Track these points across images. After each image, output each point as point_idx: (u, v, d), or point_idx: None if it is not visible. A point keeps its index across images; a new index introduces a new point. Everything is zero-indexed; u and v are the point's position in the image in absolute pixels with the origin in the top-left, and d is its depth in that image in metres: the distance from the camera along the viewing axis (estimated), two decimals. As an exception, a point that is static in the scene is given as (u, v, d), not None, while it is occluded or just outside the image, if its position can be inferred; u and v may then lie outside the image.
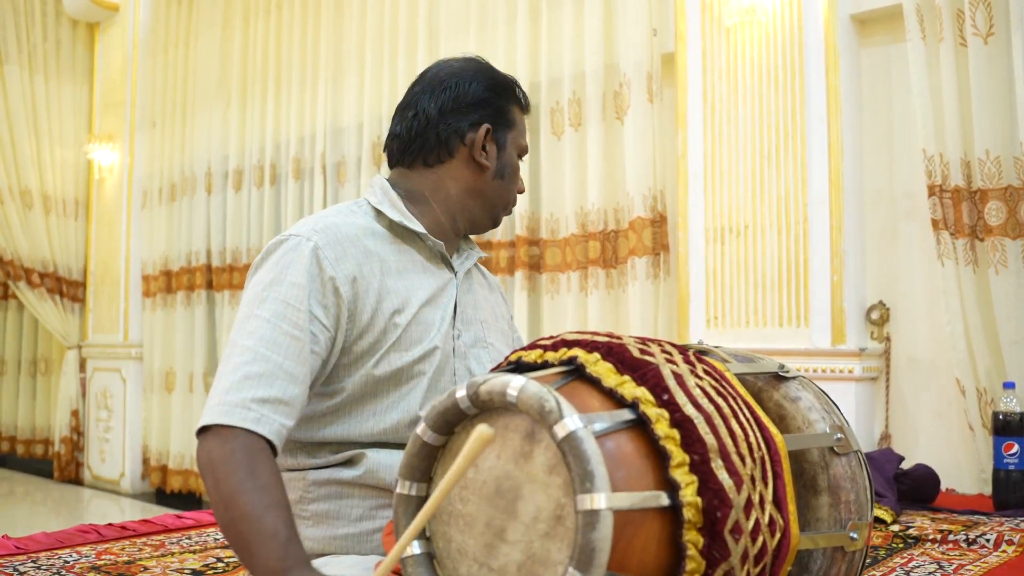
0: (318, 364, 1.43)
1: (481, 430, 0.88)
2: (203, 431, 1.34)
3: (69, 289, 7.03)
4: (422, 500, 1.13)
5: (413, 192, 1.62)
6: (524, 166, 4.29)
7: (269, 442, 1.33)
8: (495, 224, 1.70)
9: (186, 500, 6.09)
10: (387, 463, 1.46)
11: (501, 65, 4.43)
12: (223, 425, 1.32)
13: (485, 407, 1.06)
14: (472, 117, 1.60)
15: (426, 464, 1.12)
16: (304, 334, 1.40)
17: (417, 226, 1.57)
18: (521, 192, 1.70)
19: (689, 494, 1.04)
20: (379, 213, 1.58)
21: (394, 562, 0.97)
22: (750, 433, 1.15)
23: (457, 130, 1.60)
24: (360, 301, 1.47)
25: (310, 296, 1.42)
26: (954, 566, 1.99)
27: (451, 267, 1.62)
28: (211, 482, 1.29)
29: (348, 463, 1.49)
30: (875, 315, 3.53)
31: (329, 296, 1.44)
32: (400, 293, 1.50)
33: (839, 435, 1.31)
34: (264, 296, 1.43)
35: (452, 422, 1.09)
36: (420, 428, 1.10)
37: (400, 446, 1.48)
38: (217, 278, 6.02)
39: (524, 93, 1.69)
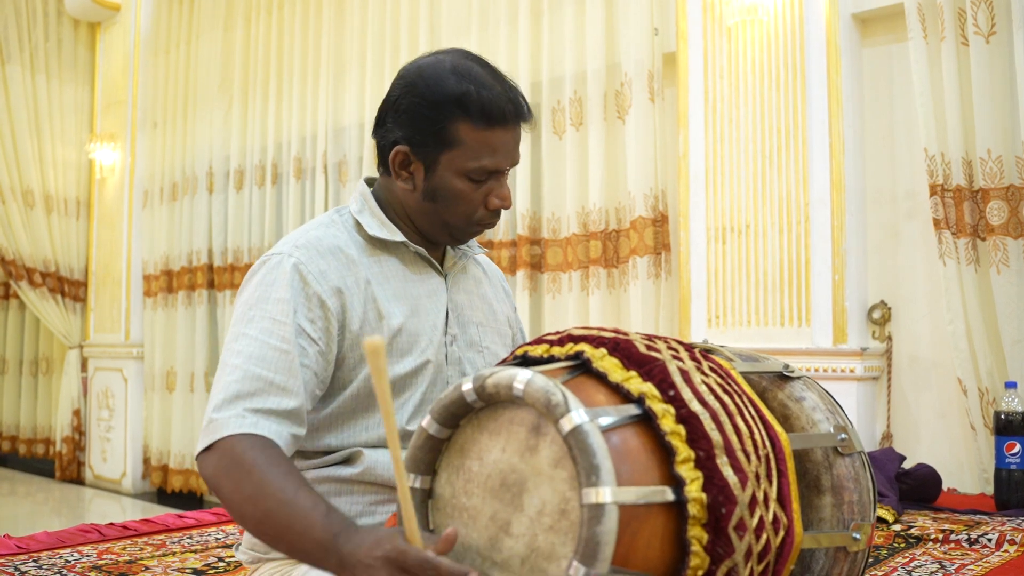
0: (311, 377, 1.42)
1: (372, 342, 0.90)
2: (203, 451, 1.34)
3: (70, 289, 7.03)
4: (426, 492, 1.13)
5: (381, 199, 1.59)
6: (525, 166, 4.31)
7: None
8: (458, 240, 1.57)
9: (187, 500, 6.09)
10: (384, 461, 1.46)
11: (503, 65, 4.45)
12: (222, 439, 1.32)
13: (491, 400, 1.06)
14: (397, 133, 1.50)
15: (431, 457, 1.12)
16: (293, 347, 1.40)
17: (396, 235, 1.54)
18: (495, 208, 1.51)
19: (694, 490, 1.04)
20: (359, 224, 1.56)
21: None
22: (755, 431, 1.15)
23: (386, 144, 1.53)
24: (348, 312, 1.46)
25: (296, 311, 1.42)
26: (956, 566, 1.99)
27: (438, 270, 1.60)
28: (230, 487, 1.28)
29: (346, 461, 1.48)
30: (876, 315, 3.53)
31: (315, 310, 1.43)
32: (385, 302, 1.49)
33: (843, 435, 1.30)
34: (251, 315, 1.43)
35: (458, 415, 1.09)
36: (426, 421, 1.11)
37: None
38: (218, 278, 6.02)
39: (487, 103, 1.45)
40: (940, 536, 2.24)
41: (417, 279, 1.56)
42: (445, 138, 1.46)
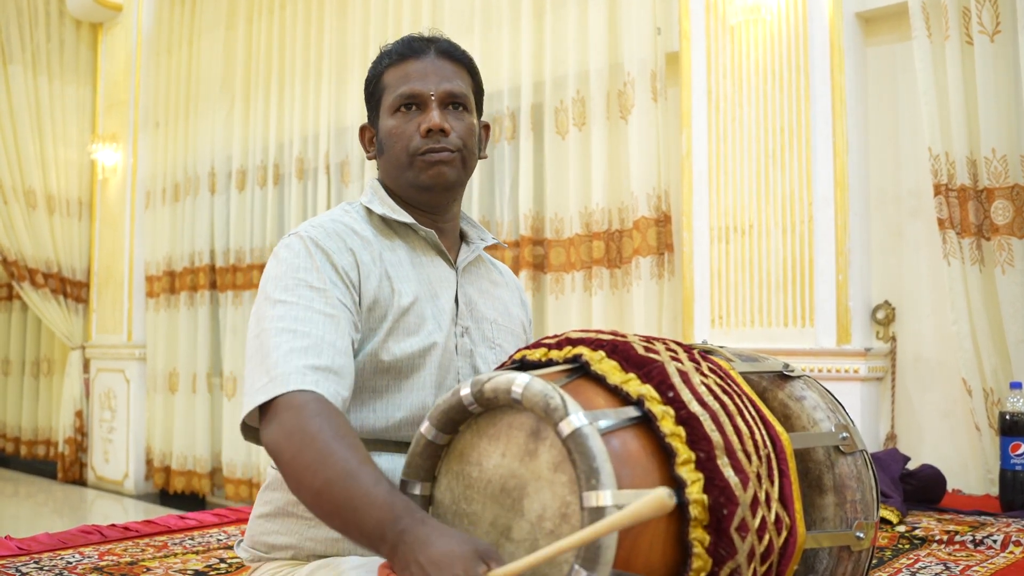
0: (351, 343, 1.40)
1: (662, 496, 0.84)
2: (262, 413, 1.29)
3: (73, 290, 7.03)
4: (426, 499, 1.12)
5: (388, 189, 1.62)
6: (527, 167, 4.30)
7: None
8: (423, 185, 1.55)
9: (189, 501, 6.09)
10: (388, 468, 1.45)
11: (505, 64, 4.47)
12: (282, 396, 1.26)
13: (490, 405, 1.05)
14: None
15: (430, 463, 1.12)
16: (339, 311, 1.38)
17: (405, 217, 1.56)
18: (425, 132, 1.53)
19: (695, 491, 1.03)
20: (370, 212, 1.59)
21: None
22: (756, 431, 1.14)
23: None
24: (364, 285, 1.46)
25: (328, 279, 1.42)
26: (961, 567, 1.98)
27: (449, 260, 1.60)
28: (291, 453, 1.22)
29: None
30: (881, 315, 3.51)
31: (338, 280, 1.43)
32: (395, 281, 1.50)
33: (844, 434, 1.30)
34: (285, 284, 1.41)
35: (457, 420, 1.09)
36: (424, 427, 1.10)
37: (402, 444, 1.47)
38: (221, 278, 6.02)
39: (399, 45, 1.59)
40: (945, 537, 2.23)
41: (428, 264, 1.57)
42: (378, 92, 1.61)
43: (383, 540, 1.07)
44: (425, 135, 1.52)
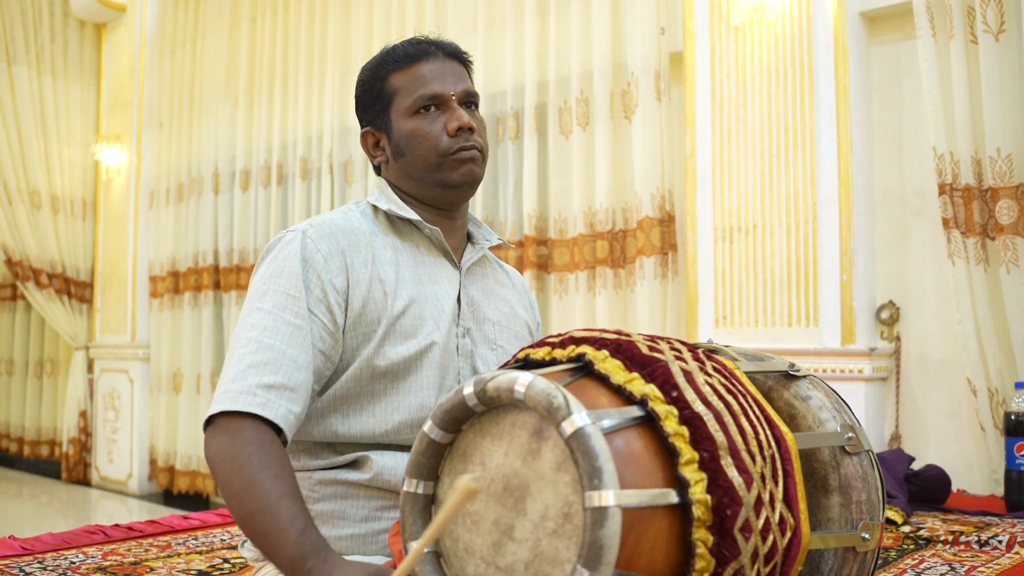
0: (318, 355, 1.43)
1: (466, 483, 0.90)
2: (210, 424, 1.35)
3: (77, 290, 7.04)
4: (429, 498, 1.12)
5: (395, 186, 1.63)
6: (531, 167, 4.30)
7: (277, 428, 1.34)
8: (453, 186, 1.56)
9: (193, 501, 6.09)
10: (391, 466, 1.45)
11: (509, 64, 4.47)
12: (230, 414, 1.32)
13: (492, 404, 1.05)
14: (362, 126, 1.65)
15: (433, 462, 1.11)
16: (306, 323, 1.41)
17: (410, 214, 1.56)
18: (455, 131, 1.54)
19: (698, 492, 1.02)
20: (376, 209, 1.60)
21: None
22: (760, 431, 1.14)
23: (362, 142, 1.67)
24: (352, 290, 1.47)
25: (305, 286, 1.44)
26: (966, 568, 1.97)
27: (453, 260, 1.60)
28: (223, 477, 1.29)
29: (354, 465, 1.48)
30: (885, 314, 3.51)
31: (320, 287, 1.45)
32: (391, 283, 1.50)
33: (850, 434, 1.29)
34: (265, 289, 1.45)
35: (460, 419, 1.08)
36: (427, 426, 1.10)
37: (403, 447, 1.47)
38: (224, 278, 6.02)
39: (403, 48, 1.59)
40: (950, 538, 2.22)
41: (431, 264, 1.57)
42: (385, 96, 1.59)
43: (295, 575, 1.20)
44: (454, 134, 1.54)
